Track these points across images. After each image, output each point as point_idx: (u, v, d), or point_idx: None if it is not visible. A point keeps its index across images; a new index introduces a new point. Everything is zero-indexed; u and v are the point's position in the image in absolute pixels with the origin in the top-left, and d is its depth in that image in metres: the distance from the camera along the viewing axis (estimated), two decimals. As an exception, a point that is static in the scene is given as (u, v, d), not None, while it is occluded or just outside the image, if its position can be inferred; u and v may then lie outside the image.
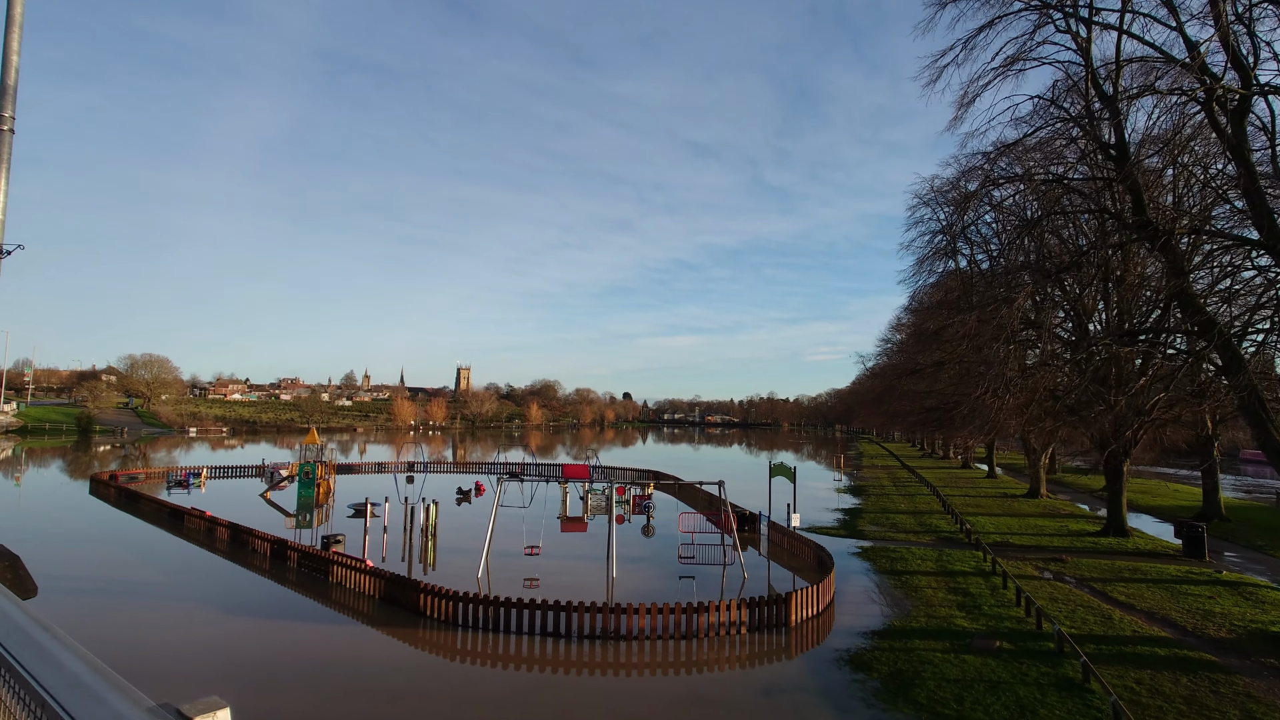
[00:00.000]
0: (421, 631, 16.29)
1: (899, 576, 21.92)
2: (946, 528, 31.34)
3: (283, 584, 20.57)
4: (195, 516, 28.11)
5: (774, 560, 25.32)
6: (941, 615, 17.46)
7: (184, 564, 22.77)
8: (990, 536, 28.85)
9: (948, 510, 36.11)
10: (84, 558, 22.89)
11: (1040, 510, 37.64)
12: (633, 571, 22.91)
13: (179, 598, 18.67)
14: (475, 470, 58.03)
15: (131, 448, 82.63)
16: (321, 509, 36.59)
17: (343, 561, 19.82)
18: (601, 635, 15.39)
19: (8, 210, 8.77)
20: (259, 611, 17.71)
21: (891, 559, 24.36)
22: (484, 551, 22.20)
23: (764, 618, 16.24)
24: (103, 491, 37.95)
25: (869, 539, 28.87)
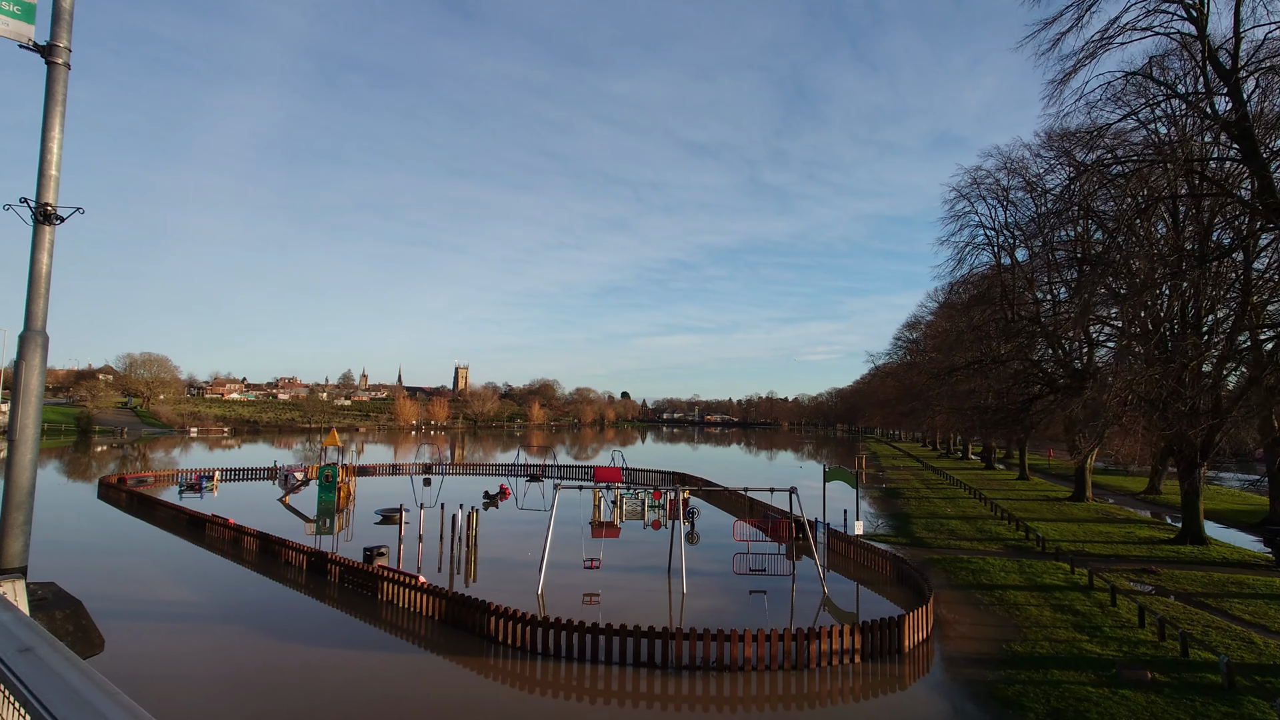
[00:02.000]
0: (493, 660, 14.59)
1: (989, 591, 20.30)
2: (1009, 534, 29.76)
3: (325, 601, 18.87)
4: (218, 524, 26.34)
5: (837, 571, 23.67)
6: (1062, 639, 15.84)
7: (214, 579, 21.02)
8: (1059, 544, 27.28)
9: (1003, 515, 34.55)
10: (106, 573, 21.10)
11: (1095, 515, 36.13)
12: (691, 584, 21.20)
13: (218, 618, 16.95)
14: (492, 472, 56.32)
15: (130, 448, 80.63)
16: (343, 514, 34.88)
17: (393, 578, 18.10)
18: (703, 666, 13.72)
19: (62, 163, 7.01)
20: (309, 636, 15.98)
21: (971, 571, 22.75)
22: (541, 565, 20.50)
23: (878, 644, 14.59)
24: (113, 496, 36.12)
25: (930, 547, 27.27)
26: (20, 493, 6.60)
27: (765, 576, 22.33)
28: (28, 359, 6.59)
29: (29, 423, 6.60)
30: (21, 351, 6.62)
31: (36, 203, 6.79)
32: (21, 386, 6.53)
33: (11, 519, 6.54)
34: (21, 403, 6.54)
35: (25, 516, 6.64)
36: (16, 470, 6.60)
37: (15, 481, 6.57)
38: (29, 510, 6.69)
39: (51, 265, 6.86)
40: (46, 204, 6.83)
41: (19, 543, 6.57)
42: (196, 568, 22.40)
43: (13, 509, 6.55)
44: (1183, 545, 27.15)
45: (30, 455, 6.67)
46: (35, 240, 6.87)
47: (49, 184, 6.87)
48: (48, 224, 6.86)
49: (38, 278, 6.82)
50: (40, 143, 6.99)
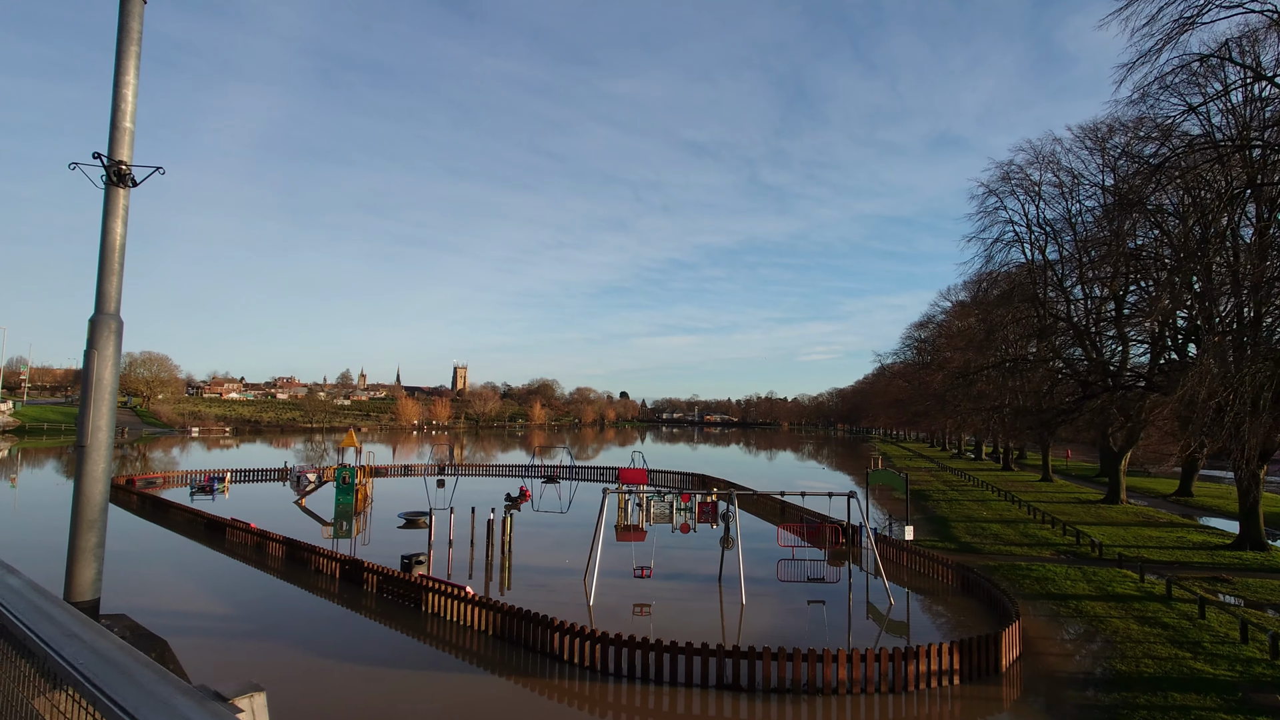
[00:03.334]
0: (560, 681, 13.47)
1: (1061, 602, 19.25)
2: (1056, 539, 28.72)
3: (363, 613, 17.75)
4: (239, 529, 25.15)
5: (891, 580, 22.55)
6: (1163, 656, 14.77)
7: (241, 588, 19.86)
8: (1113, 549, 26.23)
9: (1045, 519, 33.52)
10: (130, 583, 19.88)
11: (1136, 518, 35.11)
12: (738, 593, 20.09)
13: (255, 633, 15.81)
14: (505, 473, 55.17)
15: (130, 448, 79.21)
16: (360, 516, 33.75)
17: (438, 589, 16.96)
18: (793, 689, 12.61)
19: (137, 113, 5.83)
20: (353, 652, 14.83)
21: (1034, 579, 21.69)
22: (590, 575, 19.40)
23: (976, 663, 13.49)
24: (124, 499, 34.87)
25: (981, 552, 26.21)
26: (92, 509, 5.46)
27: (817, 584, 21.30)
28: (100, 347, 5.45)
29: (102, 424, 5.45)
30: (93, 338, 5.47)
31: (109, 161, 5.63)
32: (93, 380, 5.38)
33: (82, 541, 5.40)
34: (93, 400, 5.38)
35: (98, 538, 5.50)
36: (87, 482, 5.46)
37: (86, 496, 5.43)
38: (102, 530, 5.55)
39: (126, 235, 5.70)
40: (120, 162, 5.68)
41: (91, 570, 5.43)
42: (221, 576, 21.23)
43: (83, 528, 5.41)
44: (1243, 551, 26.14)
45: (103, 464, 5.54)
46: (107, 205, 5.73)
47: (122, 138, 5.73)
48: (121, 186, 5.72)
49: (110, 250, 5.68)
50: (112, 88, 5.84)
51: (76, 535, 5.31)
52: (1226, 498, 45.18)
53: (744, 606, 18.65)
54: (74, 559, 5.31)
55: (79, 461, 5.42)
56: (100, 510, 5.42)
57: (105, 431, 5.45)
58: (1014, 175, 43.75)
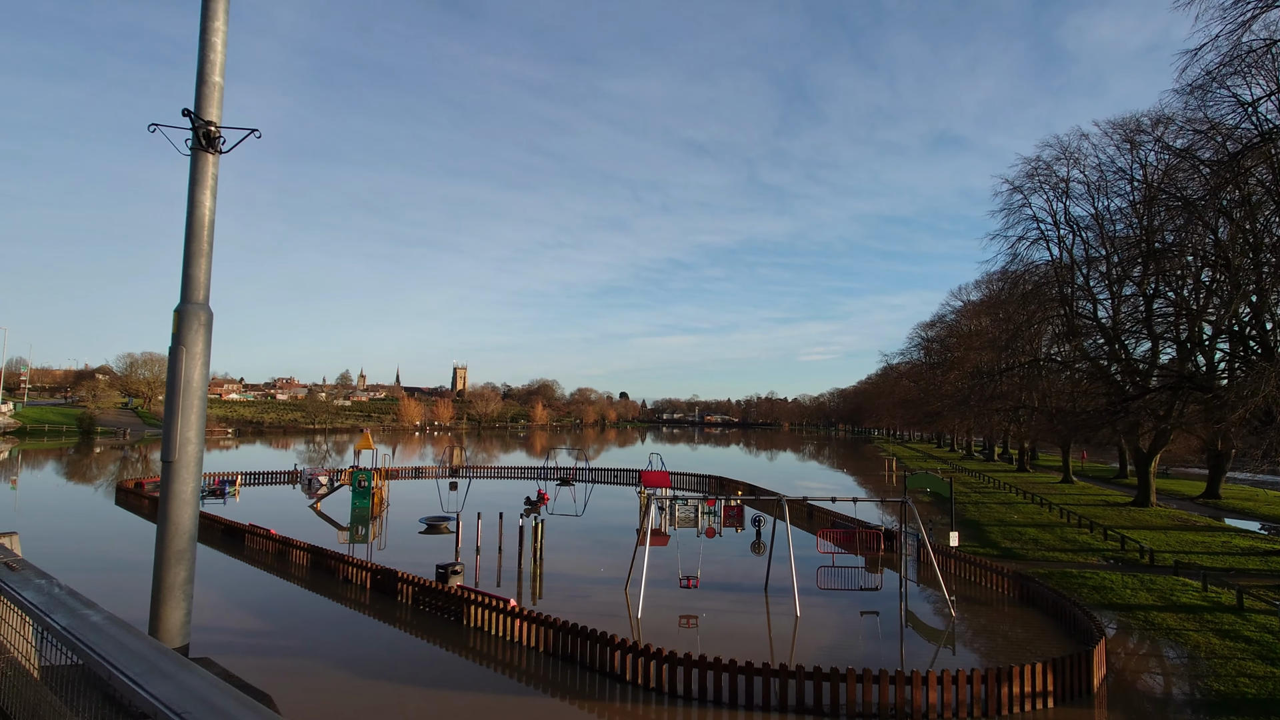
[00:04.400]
0: (625, 705, 12.57)
1: (1127, 613, 18.39)
2: (1099, 544, 27.88)
3: (399, 626, 16.84)
4: (259, 535, 24.22)
5: (930, 587, 21.67)
6: (1260, 674, 13.92)
7: (268, 599, 18.93)
8: (1163, 555, 25.38)
9: (1082, 523, 32.67)
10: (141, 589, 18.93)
11: (1172, 522, 34.29)
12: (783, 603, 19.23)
13: (292, 649, 14.89)
14: (517, 475, 54.25)
15: (131, 449, 78.14)
16: (377, 521, 32.83)
17: (482, 601, 16.04)
18: (879, 714, 11.71)
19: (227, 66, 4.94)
20: (401, 672, 13.91)
21: (1092, 588, 20.82)
22: (631, 585, 18.50)
23: (1069, 684, 12.61)
24: (133, 502, 33.93)
25: (1025, 559, 25.34)
26: (180, 537, 4.54)
27: (858, 592, 20.47)
28: (188, 343, 4.55)
29: (191, 434, 4.54)
30: (179, 333, 4.56)
31: (195, 120, 4.72)
32: (180, 383, 4.48)
33: (169, 576, 4.48)
34: (181, 407, 4.47)
35: (187, 572, 4.58)
36: (175, 505, 4.55)
37: (173, 522, 4.52)
38: (191, 563, 4.61)
39: (215, 209, 4.78)
40: (209, 123, 4.76)
41: (179, 611, 4.51)
42: (245, 585, 20.31)
43: (170, 561, 4.49)
44: (1297, 557, 25.29)
45: (193, 483, 4.62)
46: (194, 174, 4.82)
47: (211, 95, 4.82)
48: (210, 150, 4.82)
49: (198, 227, 4.77)
50: (199, 39, 4.92)
51: (163, 569, 4.39)
52: (1255, 500, 44.42)
53: (799, 619, 17.73)
54: (160, 598, 4.39)
55: (164, 480, 4.50)
56: (190, 539, 4.50)
57: (195, 444, 4.54)
58: (1040, 171, 42.94)
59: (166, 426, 4.51)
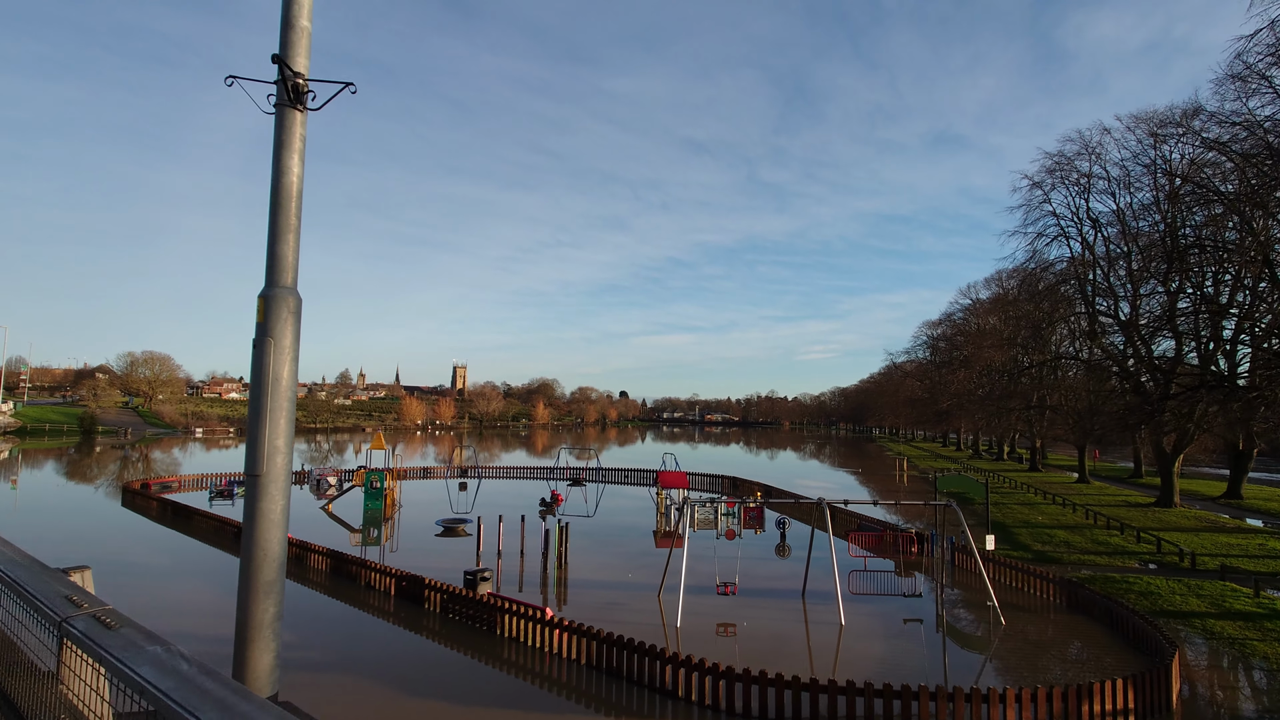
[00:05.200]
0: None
1: (1183, 621, 17.72)
2: (1133, 547, 27.23)
3: (427, 635, 16.14)
4: (275, 540, 23.45)
5: (968, 592, 20.99)
6: (1339, 687, 13.22)
7: (290, 608, 18.09)
8: (1204, 559, 24.71)
9: (1112, 524, 32.01)
10: (170, 602, 18.23)
11: (1200, 524, 33.64)
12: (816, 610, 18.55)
13: (323, 663, 14.14)
14: (527, 475, 53.54)
15: (131, 449, 77.32)
16: (389, 523, 32.10)
17: (517, 610, 15.33)
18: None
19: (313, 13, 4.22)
20: (437, 688, 13.20)
21: (1138, 594, 20.12)
22: (665, 591, 17.79)
23: (1150, 700, 11.91)
24: (141, 505, 33.16)
25: (1060, 562, 24.67)
26: (270, 566, 3.81)
27: (894, 598, 19.84)
28: (276, 334, 3.81)
29: (280, 442, 3.82)
30: (266, 323, 3.83)
31: (286, 70, 3.99)
32: (268, 381, 3.75)
33: (257, 611, 3.75)
34: (268, 409, 3.74)
35: (277, 608, 3.85)
36: (262, 527, 3.82)
37: (261, 547, 3.78)
38: (280, 596, 3.87)
39: (303, 177, 4.04)
40: (297, 75, 4.03)
41: (269, 654, 3.78)
42: (263, 593, 19.54)
43: (258, 594, 3.76)
44: (1340, 561, 24.61)
45: (283, 501, 3.89)
46: (280, 134, 4.09)
47: (299, 41, 4.10)
48: (298, 106, 4.08)
49: (285, 197, 4.04)
50: (282, -26, 4.18)
51: (249, 605, 3.66)
52: (1278, 500, 43.76)
53: (843, 628, 17.02)
54: (247, 638, 3.66)
55: (250, 497, 3.78)
56: (280, 568, 3.77)
57: (285, 454, 3.81)
58: (1062, 167, 42.29)
59: (252, 433, 3.77)
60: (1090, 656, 15.69)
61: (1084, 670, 14.80)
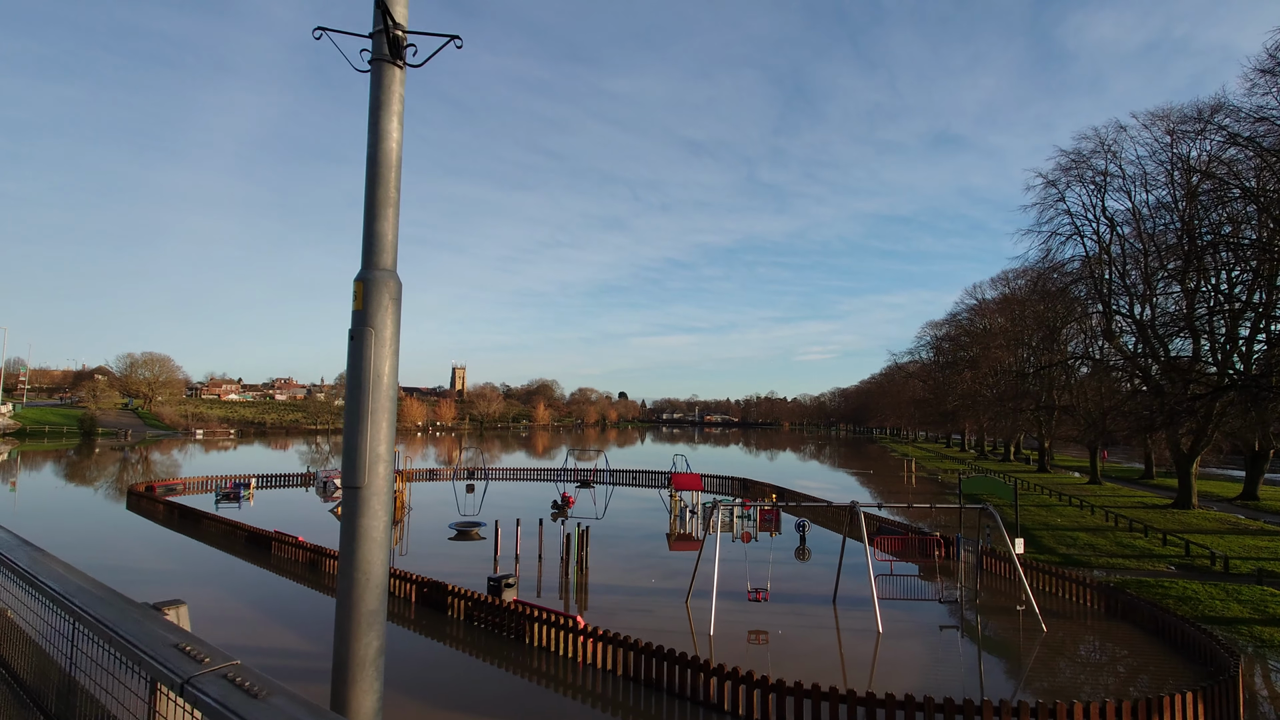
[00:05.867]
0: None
1: (1228, 628, 17.22)
2: (1161, 550, 26.74)
3: (453, 644, 15.61)
4: (288, 543, 22.92)
5: (1004, 598, 20.46)
6: (1407, 698, 12.72)
7: (307, 615, 17.66)
8: (1236, 563, 24.22)
9: (1135, 527, 31.52)
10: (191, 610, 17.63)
11: (1223, 525, 33.17)
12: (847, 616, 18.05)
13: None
14: (534, 477, 52.96)
15: (131, 451, 76.60)
16: (399, 526, 31.53)
17: (547, 619, 14.80)
18: (1020, 750, 10.48)
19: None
20: (470, 700, 12.68)
21: (1177, 599, 19.62)
22: (692, 597, 17.26)
23: (1220, 713, 11.40)
24: (147, 507, 32.54)
25: (1087, 565, 24.20)
26: (372, 593, 3.29)
27: (923, 602, 19.37)
28: (376, 324, 3.30)
29: (382, 450, 3.32)
30: (366, 311, 3.32)
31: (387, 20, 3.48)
32: (368, 377, 3.24)
33: (359, 647, 3.23)
34: (369, 410, 3.23)
35: (380, 641, 3.33)
36: (364, 548, 3.30)
37: (362, 569, 3.27)
38: (383, 627, 3.34)
39: (402, 143, 3.51)
40: (397, 25, 3.51)
41: (372, 695, 3.28)
42: (278, 598, 19.02)
43: (360, 625, 3.24)
44: (1374, 564, 24.14)
45: (385, 519, 3.39)
46: (376, 94, 3.59)
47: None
48: (397, 63, 3.56)
49: (384, 168, 3.52)
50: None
51: (350, 637, 3.13)
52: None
53: (880, 636, 16.50)
54: (347, 677, 3.14)
55: (349, 513, 3.25)
56: (382, 595, 3.24)
57: (387, 462, 3.29)
58: (1077, 165, 41.85)
59: (350, 440, 3.24)
60: (1138, 665, 15.20)
61: (1134, 680, 14.31)
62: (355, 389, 3.21)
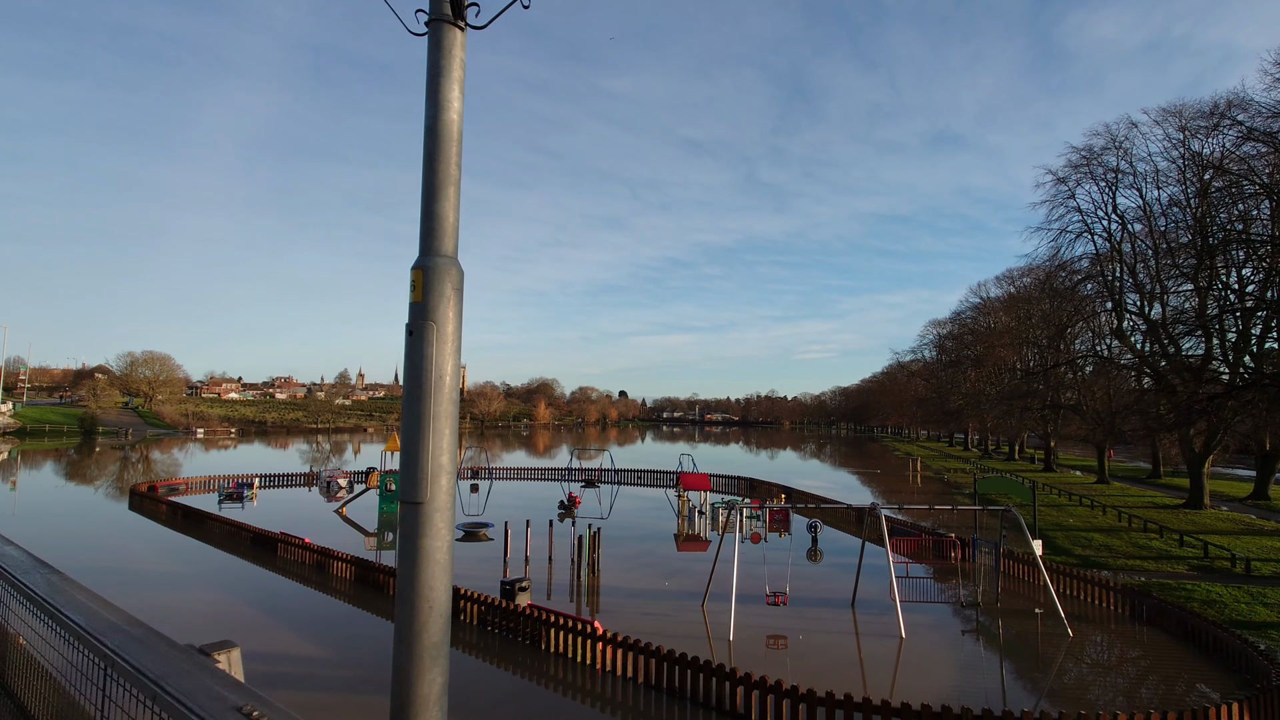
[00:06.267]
0: (754, 748, 10.94)
1: (1260, 632, 16.82)
2: (1179, 551, 26.38)
3: (467, 650, 15.22)
4: (295, 545, 22.54)
5: (1023, 601, 20.11)
6: None
7: (318, 620, 17.26)
8: (1258, 564, 23.86)
9: (1150, 527, 31.18)
10: (196, 616, 17.26)
11: (1238, 526, 32.82)
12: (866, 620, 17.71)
13: (365, 685, 13.19)
14: (537, 476, 52.61)
15: (132, 450, 76.20)
16: (405, 527, 31.08)
17: (564, 624, 14.43)
18: (1062, 762, 10.12)
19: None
20: (489, 710, 12.27)
21: (1202, 603, 19.24)
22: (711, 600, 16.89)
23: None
24: (150, 508, 32.15)
25: (1106, 567, 23.83)
26: (435, 624, 2.94)
27: (936, 604, 19.05)
28: (438, 318, 2.93)
29: (444, 458, 2.96)
30: (426, 303, 2.94)
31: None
32: (429, 377, 2.88)
33: (421, 684, 2.90)
34: (431, 414, 2.86)
35: (444, 677, 2.95)
36: (427, 570, 2.92)
37: (425, 598, 2.90)
38: (447, 658, 2.98)
39: (463, 114, 3.13)
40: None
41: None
42: (286, 602, 18.63)
43: (423, 660, 2.89)
44: (1397, 566, 23.78)
45: (449, 537, 3.01)
46: (435, 58, 3.23)
47: (456, -61, 3.16)
48: (457, 23, 3.18)
49: (445, 140, 3.15)
50: None
51: (412, 673, 2.76)
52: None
53: (904, 641, 16.14)
54: (406, 717, 2.74)
55: (409, 532, 2.87)
56: (446, 622, 2.86)
57: (450, 473, 2.92)
58: (1088, 161, 41.45)
59: (410, 449, 2.86)
60: (1171, 673, 14.83)
61: (1170, 688, 13.95)
62: (415, 391, 2.82)
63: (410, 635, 2.81)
